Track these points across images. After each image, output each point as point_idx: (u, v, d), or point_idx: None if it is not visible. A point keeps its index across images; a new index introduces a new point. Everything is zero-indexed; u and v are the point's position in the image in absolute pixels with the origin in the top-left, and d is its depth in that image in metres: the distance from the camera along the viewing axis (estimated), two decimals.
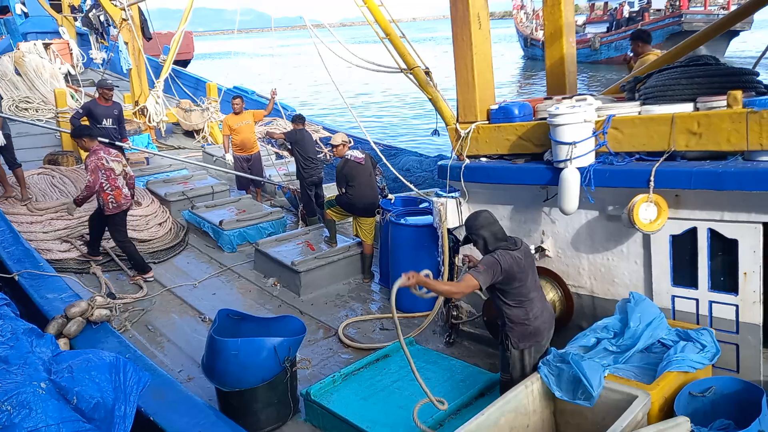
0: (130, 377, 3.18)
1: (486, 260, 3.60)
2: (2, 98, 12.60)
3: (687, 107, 3.93)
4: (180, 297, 6.25)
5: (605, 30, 31.16)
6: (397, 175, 6.41)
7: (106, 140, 7.61)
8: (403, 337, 4.95)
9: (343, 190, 6.45)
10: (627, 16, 29.83)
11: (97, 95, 7.90)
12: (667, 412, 3.28)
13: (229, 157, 8.72)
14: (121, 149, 7.90)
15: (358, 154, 6.50)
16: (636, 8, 29.81)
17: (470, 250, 5.06)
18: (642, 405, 3.15)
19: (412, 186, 6.17)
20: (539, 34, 33.85)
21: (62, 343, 4.28)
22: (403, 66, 5.09)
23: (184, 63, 19.42)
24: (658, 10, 29.88)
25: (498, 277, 3.53)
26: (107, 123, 7.63)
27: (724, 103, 3.74)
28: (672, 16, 28.32)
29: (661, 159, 3.88)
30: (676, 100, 4.01)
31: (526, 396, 3.44)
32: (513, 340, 3.68)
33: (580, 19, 33.78)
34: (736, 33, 26.50)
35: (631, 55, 6.36)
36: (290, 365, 4.14)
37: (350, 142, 6.76)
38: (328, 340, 5.41)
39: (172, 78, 12.43)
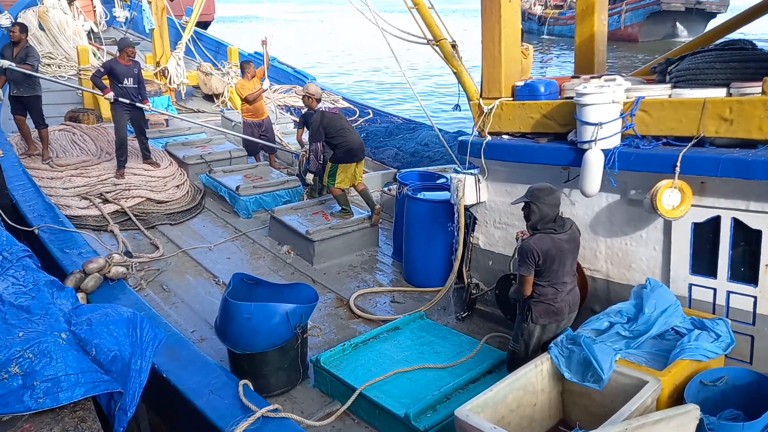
0: (146, 333, 3.23)
1: (521, 251, 3.68)
2: (39, 59, 12.65)
3: (720, 92, 3.82)
4: (195, 259, 6.31)
5: None
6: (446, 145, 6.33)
7: (127, 101, 7.62)
8: (414, 311, 5.02)
9: (321, 146, 6.40)
10: None
11: (118, 54, 7.87)
12: (677, 399, 3.27)
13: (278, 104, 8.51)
14: (141, 110, 7.91)
15: (330, 106, 6.45)
16: None
17: (485, 229, 5.03)
18: (652, 390, 3.14)
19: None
20: (537, 9, 34.78)
21: (80, 297, 4.35)
22: (430, 38, 4.99)
23: (205, 25, 19.25)
24: None
25: (538, 260, 3.60)
26: (128, 83, 7.60)
27: (759, 89, 3.62)
28: None
29: (689, 144, 3.79)
30: (709, 85, 3.90)
31: (535, 375, 3.44)
32: (534, 314, 3.72)
33: None
34: (713, 15, 28.47)
35: None
36: (301, 332, 4.18)
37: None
38: (339, 309, 5.45)
39: (193, 40, 12.36)
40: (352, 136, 6.45)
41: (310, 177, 6.94)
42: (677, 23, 29.51)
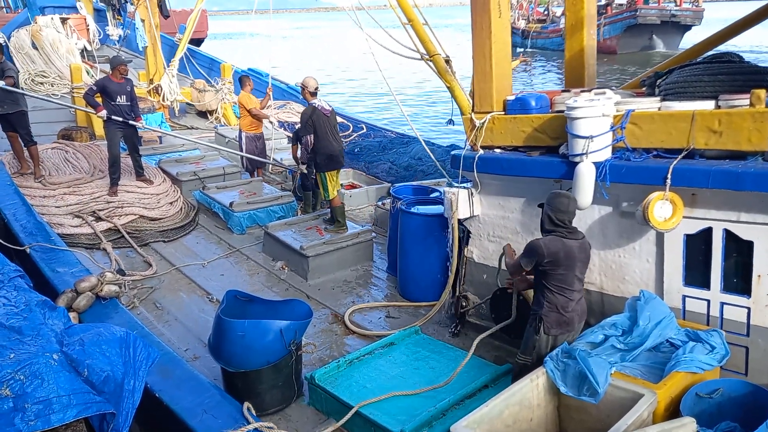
0: (139, 352, 3.21)
1: (529, 245, 3.76)
2: (19, 71, 12.64)
3: (708, 105, 3.85)
4: (188, 276, 6.28)
5: None
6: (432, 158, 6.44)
7: (120, 118, 7.62)
8: (409, 326, 5.00)
9: (310, 139, 6.47)
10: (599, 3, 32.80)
11: (111, 72, 7.88)
12: (673, 412, 3.26)
13: (274, 120, 8.65)
14: (134, 127, 7.90)
15: (325, 105, 6.51)
16: (602, 2, 32.06)
17: (480, 242, 5.03)
18: (648, 404, 3.13)
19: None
20: (520, 23, 36.33)
21: (71, 317, 4.32)
22: (423, 53, 5.03)
23: (198, 42, 19.33)
24: (621, 5, 32.53)
25: (542, 260, 3.66)
26: (121, 100, 7.61)
27: (747, 101, 3.66)
28: (629, 10, 31.04)
29: (680, 156, 3.81)
30: (698, 97, 3.93)
31: (531, 390, 3.42)
32: (546, 325, 3.73)
33: (559, 11, 36.55)
34: (688, 27, 30.78)
35: None
36: (296, 349, 4.15)
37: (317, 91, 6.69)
38: (334, 325, 5.42)
39: (186, 57, 12.44)
40: (335, 142, 6.51)
41: (303, 167, 7.12)
42: (654, 35, 30.98)
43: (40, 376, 2.77)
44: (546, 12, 36.96)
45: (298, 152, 7.67)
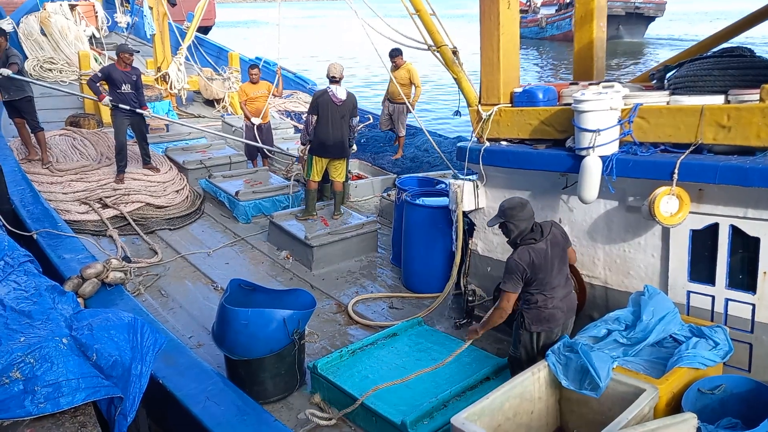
0: (147, 338, 3.24)
1: (507, 268, 3.66)
2: (27, 58, 12.68)
3: (718, 99, 3.81)
4: (194, 264, 6.31)
5: (554, 11, 35.55)
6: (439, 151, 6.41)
7: (127, 107, 7.62)
8: (412, 317, 5.01)
9: (313, 120, 6.46)
10: (568, 0, 33.94)
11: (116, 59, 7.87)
12: (675, 407, 3.26)
13: (257, 121, 8.64)
14: (141, 116, 7.92)
15: (339, 93, 6.46)
16: None
17: (484, 235, 5.02)
18: (649, 399, 3.13)
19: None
20: None
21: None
22: (431, 43, 5.00)
23: (205, 30, 19.32)
24: None
25: (526, 274, 3.60)
26: (126, 88, 7.60)
27: (757, 96, 3.62)
28: None
29: (687, 151, 3.78)
30: (707, 92, 3.90)
31: (532, 383, 3.43)
32: (526, 321, 3.73)
33: (539, 1, 37.66)
34: (651, 18, 32.91)
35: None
36: (299, 338, 4.17)
37: (340, 78, 6.61)
38: (337, 315, 5.44)
39: (194, 45, 12.40)
40: (331, 131, 6.47)
41: (301, 147, 7.17)
42: (620, 26, 31.71)
43: (49, 359, 2.80)
44: (528, 2, 37.17)
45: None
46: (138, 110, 7.73)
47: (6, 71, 7.27)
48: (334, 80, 6.56)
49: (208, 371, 3.81)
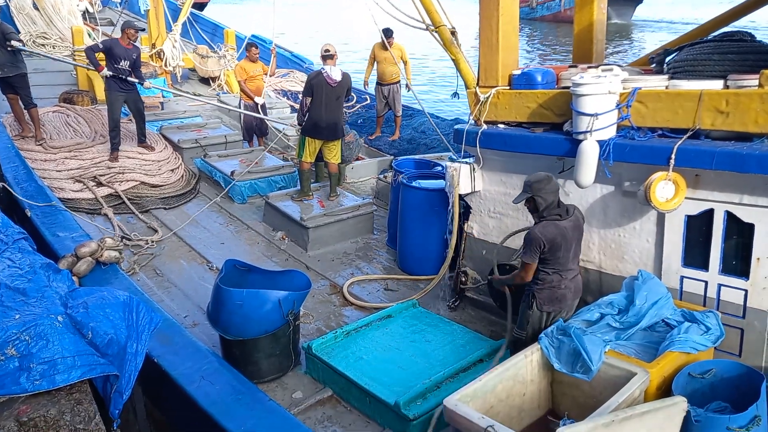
0: (142, 317, 3.23)
1: (527, 238, 3.72)
2: (20, 32, 12.46)
3: (717, 84, 3.79)
4: (189, 244, 6.30)
5: None
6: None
7: (122, 77, 7.49)
8: (407, 299, 5.03)
9: (307, 102, 6.43)
10: None
11: (120, 35, 7.73)
12: (665, 391, 3.29)
13: (260, 100, 8.54)
14: (137, 93, 7.82)
15: (334, 74, 6.39)
16: None
17: (480, 218, 5.02)
18: (640, 382, 3.16)
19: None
20: None
21: None
22: (429, 23, 4.93)
23: (200, 6, 18.99)
24: None
25: (544, 248, 3.65)
26: (124, 65, 7.50)
27: (756, 82, 3.60)
28: None
29: (685, 137, 3.77)
30: (706, 77, 3.87)
31: (525, 365, 3.46)
32: (539, 301, 3.77)
33: None
34: (639, 1, 33.98)
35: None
36: (293, 319, 4.18)
37: (334, 56, 6.57)
38: (332, 296, 5.45)
39: (189, 22, 12.21)
40: (324, 113, 6.43)
41: (298, 128, 7.09)
42: (609, 8, 32.00)
43: (45, 337, 2.80)
44: None
45: None
46: (129, 78, 7.57)
47: (18, 44, 7.20)
48: (328, 56, 6.49)
49: (203, 351, 3.82)
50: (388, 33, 8.69)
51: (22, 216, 5.40)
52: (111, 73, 7.40)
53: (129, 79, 7.57)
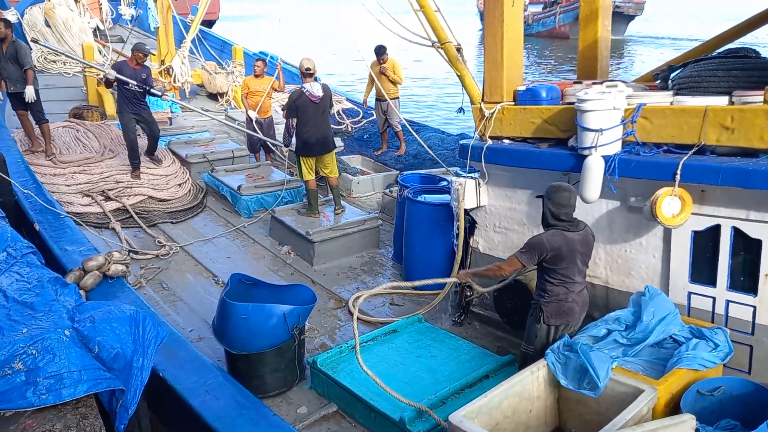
0: (149, 331, 3.25)
1: (531, 242, 3.73)
2: (32, 49, 12.65)
3: (722, 100, 3.80)
4: (195, 258, 6.32)
5: (540, 9, 37.65)
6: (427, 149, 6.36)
7: (133, 84, 7.58)
8: (412, 314, 5.01)
9: (292, 123, 6.49)
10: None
11: (129, 56, 7.86)
12: (674, 408, 3.26)
13: (254, 114, 8.62)
14: (149, 114, 7.88)
15: (315, 90, 6.44)
16: None
17: (485, 233, 5.02)
18: (648, 399, 3.13)
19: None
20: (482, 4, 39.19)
21: None
22: (435, 40, 4.98)
23: (209, 24, 19.25)
24: None
25: (545, 256, 3.65)
26: (132, 86, 7.60)
27: (761, 98, 3.61)
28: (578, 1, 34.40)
29: (690, 152, 3.77)
30: (711, 93, 3.88)
31: (531, 381, 3.43)
32: (545, 314, 3.74)
33: None
34: (631, 17, 35.33)
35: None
36: (299, 333, 4.18)
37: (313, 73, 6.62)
38: (338, 311, 5.45)
39: (198, 39, 12.38)
40: (312, 130, 6.48)
41: (286, 150, 7.17)
42: None
43: (52, 351, 2.81)
44: None
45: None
46: (152, 90, 7.67)
47: (113, 73, 7.48)
48: (308, 74, 6.57)
49: (208, 365, 3.82)
50: (380, 51, 8.81)
51: (30, 230, 5.45)
52: (116, 74, 7.49)
53: (153, 90, 7.69)
